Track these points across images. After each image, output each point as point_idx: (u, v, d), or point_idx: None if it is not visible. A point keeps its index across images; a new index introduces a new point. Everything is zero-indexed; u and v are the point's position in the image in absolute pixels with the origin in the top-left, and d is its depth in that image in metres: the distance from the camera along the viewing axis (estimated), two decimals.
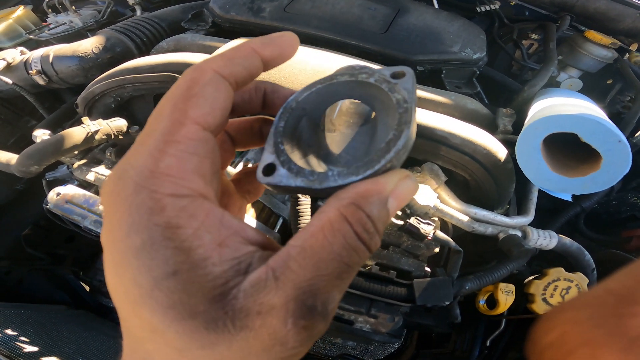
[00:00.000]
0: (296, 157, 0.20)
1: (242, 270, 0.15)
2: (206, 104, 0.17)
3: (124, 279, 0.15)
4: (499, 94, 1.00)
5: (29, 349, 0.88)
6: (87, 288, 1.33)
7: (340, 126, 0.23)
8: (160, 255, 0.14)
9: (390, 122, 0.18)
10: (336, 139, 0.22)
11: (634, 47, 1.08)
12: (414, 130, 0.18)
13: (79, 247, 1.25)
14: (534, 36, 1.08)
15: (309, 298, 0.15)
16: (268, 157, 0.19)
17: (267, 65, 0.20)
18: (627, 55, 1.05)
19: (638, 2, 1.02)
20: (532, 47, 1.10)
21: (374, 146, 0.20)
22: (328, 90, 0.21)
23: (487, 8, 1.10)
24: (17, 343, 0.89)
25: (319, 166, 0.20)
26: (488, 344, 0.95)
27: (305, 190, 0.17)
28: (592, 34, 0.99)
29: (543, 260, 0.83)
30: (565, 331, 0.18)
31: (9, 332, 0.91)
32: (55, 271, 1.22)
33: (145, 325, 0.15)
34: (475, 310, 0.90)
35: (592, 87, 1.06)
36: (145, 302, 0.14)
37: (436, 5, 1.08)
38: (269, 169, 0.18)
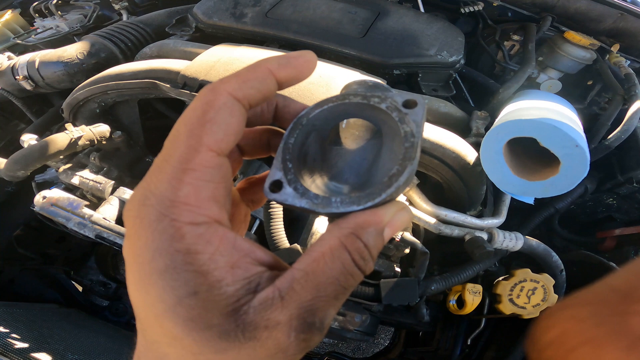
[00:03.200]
0: (302, 172, 0.21)
1: (252, 289, 0.17)
2: (220, 130, 0.18)
3: (148, 296, 0.17)
4: (484, 94, 1.01)
5: (20, 345, 0.90)
6: (80, 288, 1.35)
7: (347, 139, 0.23)
8: (182, 277, 0.17)
9: (396, 149, 0.19)
10: (342, 152, 0.23)
11: (615, 47, 1.09)
12: (416, 165, 0.18)
13: (70, 247, 1.27)
14: (516, 37, 1.09)
15: (310, 316, 0.17)
16: (276, 174, 0.20)
17: (282, 86, 0.20)
18: (607, 56, 1.06)
19: (619, 2, 1.03)
20: (514, 48, 1.11)
21: (376, 168, 0.21)
22: (339, 109, 0.21)
23: (471, 9, 1.11)
24: (9, 340, 0.91)
25: (322, 182, 0.21)
26: (469, 343, 0.98)
27: (308, 211, 0.19)
28: (571, 35, 1.00)
29: (522, 262, 0.85)
30: (567, 329, 0.18)
31: (1, 329, 0.94)
32: (47, 271, 1.25)
33: (166, 333, 0.17)
34: None
35: (572, 89, 1.07)
36: (168, 315, 0.17)
37: (421, 7, 1.09)
38: (276, 186, 0.19)
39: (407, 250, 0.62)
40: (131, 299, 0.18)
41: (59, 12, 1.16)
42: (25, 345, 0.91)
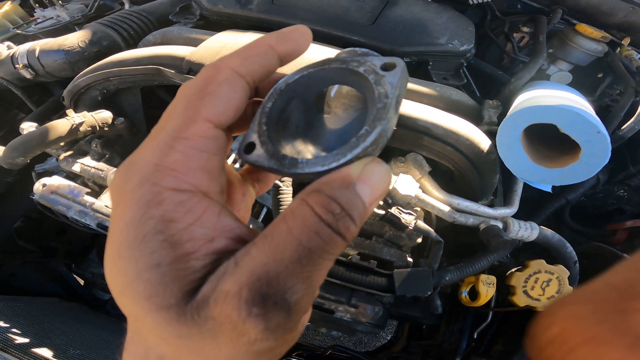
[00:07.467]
0: (282, 138, 0.20)
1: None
2: (220, 103, 0.17)
3: (114, 269, 0.16)
4: (491, 86, 1.00)
5: (20, 340, 0.89)
6: (81, 281, 1.34)
7: (336, 108, 0.22)
8: (148, 247, 0.15)
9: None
10: (330, 121, 0.22)
11: (626, 41, 1.07)
12: (389, 127, 0.17)
13: (71, 240, 1.25)
14: (525, 29, 1.07)
15: (265, 285, 0.14)
16: (250, 136, 0.20)
17: (283, 61, 0.20)
18: (618, 49, 1.05)
19: None
20: (523, 40, 1.09)
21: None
22: (319, 75, 0.21)
23: (480, 0, 1.10)
24: (9, 335, 0.89)
25: (305, 148, 0.21)
26: (475, 336, 0.97)
27: (277, 172, 0.18)
28: (582, 28, 0.99)
29: (530, 253, 0.84)
30: (567, 327, 0.17)
31: (1, 324, 0.92)
32: (48, 264, 1.23)
33: (128, 313, 0.16)
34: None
35: (582, 81, 1.06)
36: (127, 292, 0.15)
37: None
38: (249, 148, 0.19)
39: (419, 240, 0.61)
40: (105, 276, 0.17)
41: (60, 1, 1.13)
42: (26, 340, 0.90)
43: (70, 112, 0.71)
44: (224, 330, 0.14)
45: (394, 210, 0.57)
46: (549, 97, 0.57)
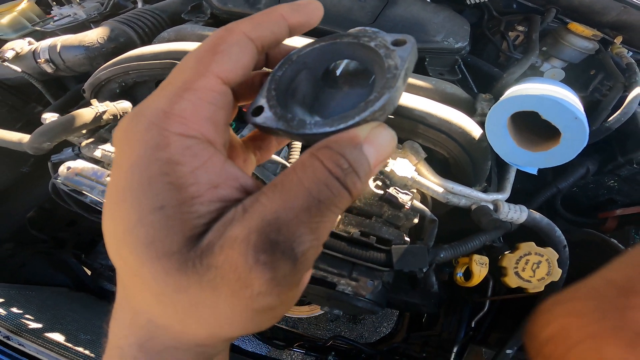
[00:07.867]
0: (289, 105, 0.21)
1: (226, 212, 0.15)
2: (230, 61, 0.17)
3: (116, 213, 0.15)
4: (487, 82, 1.04)
5: (33, 325, 0.92)
6: (89, 272, 1.38)
7: (342, 84, 0.23)
8: (153, 188, 0.15)
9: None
10: (335, 95, 0.23)
11: (618, 39, 1.11)
12: (396, 96, 0.18)
13: (80, 231, 1.29)
14: (520, 28, 1.12)
15: (273, 231, 0.14)
16: (259, 100, 0.20)
17: (293, 32, 0.20)
18: (610, 47, 1.09)
19: None
20: (518, 38, 1.14)
21: None
22: (330, 49, 0.22)
23: (477, 1, 1.14)
24: (22, 320, 0.93)
25: (310, 119, 0.21)
26: (473, 325, 1.00)
27: (285, 133, 0.19)
28: (574, 26, 1.03)
29: (523, 241, 0.87)
30: (566, 324, 0.17)
31: (15, 310, 0.96)
32: (57, 255, 1.27)
33: (125, 267, 0.15)
34: (462, 294, 0.94)
35: (576, 78, 1.10)
36: (127, 238, 0.15)
37: None
38: (258, 111, 0.20)
39: (415, 220, 0.65)
40: (102, 229, 0.16)
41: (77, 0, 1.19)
42: (39, 325, 0.93)
43: (94, 101, 0.76)
44: (226, 282, 0.14)
45: (391, 190, 0.61)
46: (533, 88, 0.62)
